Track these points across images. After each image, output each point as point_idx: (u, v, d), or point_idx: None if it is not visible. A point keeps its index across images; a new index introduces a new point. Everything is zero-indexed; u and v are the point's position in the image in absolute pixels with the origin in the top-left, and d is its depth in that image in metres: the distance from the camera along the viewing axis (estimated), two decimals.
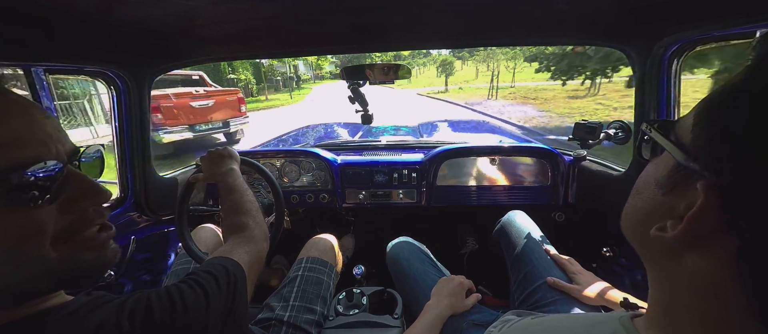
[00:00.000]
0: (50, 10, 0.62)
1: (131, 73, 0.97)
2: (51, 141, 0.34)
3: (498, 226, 1.11)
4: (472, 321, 0.78)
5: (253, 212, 0.68)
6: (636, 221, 0.30)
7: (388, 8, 0.74)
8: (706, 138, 0.24)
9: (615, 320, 0.32)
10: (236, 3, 0.66)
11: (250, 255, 0.57)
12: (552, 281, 0.82)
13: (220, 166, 0.79)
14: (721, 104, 0.23)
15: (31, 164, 0.32)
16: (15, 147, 0.31)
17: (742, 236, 0.20)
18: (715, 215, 0.22)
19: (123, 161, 1.08)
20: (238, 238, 0.61)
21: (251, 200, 0.72)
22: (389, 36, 0.94)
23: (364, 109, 1.19)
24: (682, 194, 0.25)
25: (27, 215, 0.32)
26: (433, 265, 0.97)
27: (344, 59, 16.34)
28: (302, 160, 1.41)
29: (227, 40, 0.89)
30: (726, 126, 0.22)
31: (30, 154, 0.32)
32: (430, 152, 1.37)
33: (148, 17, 0.72)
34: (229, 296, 0.46)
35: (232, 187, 0.73)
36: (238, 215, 0.66)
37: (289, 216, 1.57)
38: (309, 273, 0.94)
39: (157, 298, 0.38)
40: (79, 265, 0.36)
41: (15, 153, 0.31)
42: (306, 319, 0.81)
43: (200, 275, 0.45)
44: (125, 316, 0.35)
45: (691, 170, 0.24)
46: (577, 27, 0.88)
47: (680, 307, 0.26)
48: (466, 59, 34.81)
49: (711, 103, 0.24)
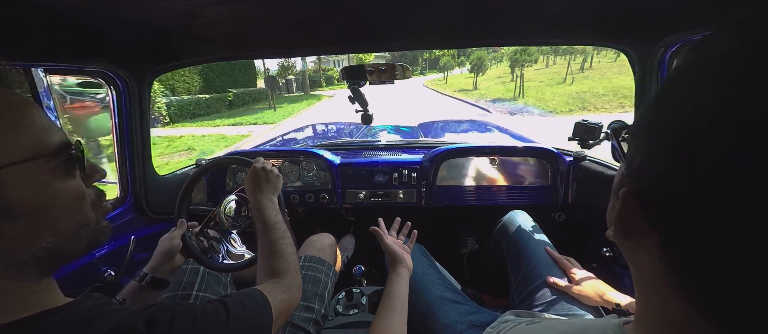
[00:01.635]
0: (50, 10, 0.62)
1: (131, 73, 0.97)
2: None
3: (499, 225, 1.11)
4: (470, 322, 0.78)
5: (292, 258, 0.66)
6: (609, 217, 0.32)
7: (388, 8, 0.74)
8: (632, 148, 0.26)
9: (607, 326, 0.32)
10: (236, 3, 0.66)
11: (284, 304, 0.57)
12: (552, 281, 0.82)
13: (263, 191, 0.77)
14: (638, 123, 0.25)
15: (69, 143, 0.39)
16: (56, 129, 0.38)
17: (661, 233, 0.22)
18: (634, 217, 0.24)
19: (123, 161, 1.08)
20: (277, 283, 0.60)
21: (290, 242, 0.69)
22: (389, 36, 0.94)
23: (364, 109, 1.19)
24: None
25: (76, 182, 0.39)
26: (430, 266, 0.97)
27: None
28: (302, 160, 1.41)
29: (227, 40, 0.89)
30: (641, 138, 0.24)
31: (64, 136, 0.39)
32: (430, 152, 1.37)
33: (148, 17, 0.72)
34: (249, 331, 0.47)
35: (272, 225, 0.70)
36: (278, 258, 0.65)
37: (289, 216, 1.58)
38: (306, 272, 0.94)
39: (182, 314, 0.41)
40: (100, 230, 0.42)
41: (59, 134, 0.38)
42: (303, 317, 0.81)
43: (232, 300, 0.48)
44: (143, 321, 0.38)
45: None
46: (577, 27, 0.88)
47: (646, 305, 0.27)
48: (499, 59, 34.04)
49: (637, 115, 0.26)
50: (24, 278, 0.35)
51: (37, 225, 0.35)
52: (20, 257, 0.34)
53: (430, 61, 46.09)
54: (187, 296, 0.85)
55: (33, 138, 0.35)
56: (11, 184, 0.32)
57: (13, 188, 0.33)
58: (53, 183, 0.36)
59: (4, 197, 0.32)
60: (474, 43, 1.02)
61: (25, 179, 0.34)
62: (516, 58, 14.05)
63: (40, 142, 0.36)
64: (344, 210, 1.56)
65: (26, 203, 0.34)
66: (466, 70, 25.33)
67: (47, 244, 0.35)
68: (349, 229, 1.68)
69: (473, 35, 0.93)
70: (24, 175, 0.34)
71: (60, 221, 0.37)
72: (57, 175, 0.37)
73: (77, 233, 0.38)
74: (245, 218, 0.98)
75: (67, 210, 0.37)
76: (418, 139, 1.90)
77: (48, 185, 0.36)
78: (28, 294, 0.35)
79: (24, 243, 0.34)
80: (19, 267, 0.34)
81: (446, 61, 26.50)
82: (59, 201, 0.36)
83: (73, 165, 0.39)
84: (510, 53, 14.32)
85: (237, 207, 0.98)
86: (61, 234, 0.37)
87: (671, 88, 0.23)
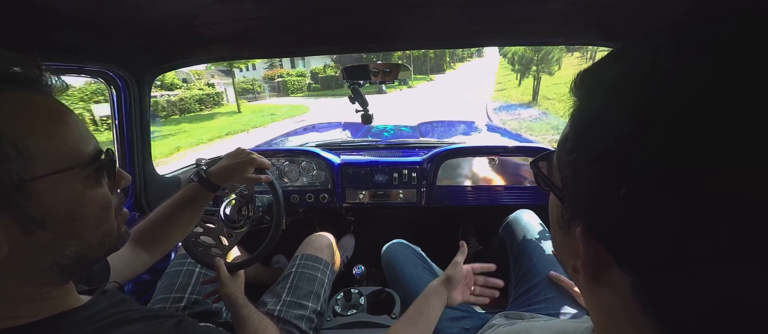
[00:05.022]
0: (50, 9, 0.62)
1: (131, 73, 0.97)
2: None
3: (504, 224, 1.11)
4: (462, 327, 0.78)
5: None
6: (558, 253, 0.29)
7: (388, 8, 0.74)
8: (569, 183, 0.24)
9: (578, 329, 0.32)
10: (236, 2, 0.66)
11: None
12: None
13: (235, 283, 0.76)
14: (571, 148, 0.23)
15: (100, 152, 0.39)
16: (90, 137, 0.38)
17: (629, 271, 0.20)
18: (601, 258, 0.21)
19: (123, 161, 1.08)
20: None
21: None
22: (389, 36, 0.94)
23: (364, 109, 1.19)
24: (574, 235, 0.23)
25: (104, 190, 0.39)
26: (426, 268, 0.97)
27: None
28: (302, 160, 1.41)
29: (227, 40, 0.89)
30: (579, 173, 0.22)
31: (96, 144, 0.39)
32: (430, 152, 1.37)
33: (148, 17, 0.72)
34: None
35: (239, 306, 0.69)
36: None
37: (289, 216, 1.58)
38: (302, 270, 0.94)
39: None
40: (121, 237, 0.42)
41: (93, 142, 0.38)
42: (296, 314, 0.81)
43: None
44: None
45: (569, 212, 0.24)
46: (576, 27, 0.87)
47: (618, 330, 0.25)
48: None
49: (562, 142, 0.24)
50: (48, 283, 0.36)
51: (66, 233, 0.35)
52: (47, 263, 0.35)
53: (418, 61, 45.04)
54: (180, 299, 0.85)
55: (71, 147, 0.35)
56: (47, 193, 0.32)
57: (49, 196, 0.33)
58: (85, 192, 0.36)
59: (40, 206, 0.32)
60: (473, 42, 1.02)
61: (60, 187, 0.34)
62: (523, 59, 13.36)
63: (77, 152, 0.36)
64: (344, 210, 1.56)
65: (59, 212, 0.34)
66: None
67: (72, 252, 0.36)
68: (349, 229, 1.68)
69: (472, 35, 0.93)
70: (60, 184, 0.34)
71: (87, 230, 0.37)
72: (89, 184, 0.37)
73: (101, 242, 0.39)
74: (246, 218, 0.98)
75: (94, 219, 0.37)
76: (418, 139, 1.90)
77: (80, 194, 0.36)
78: (51, 298, 0.36)
79: (52, 251, 0.34)
80: (45, 273, 0.35)
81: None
82: (89, 210, 0.37)
83: (103, 173, 0.39)
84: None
85: (237, 206, 0.98)
86: (86, 242, 0.37)
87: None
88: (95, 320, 0.38)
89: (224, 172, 0.74)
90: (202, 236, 0.94)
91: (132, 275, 0.67)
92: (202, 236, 0.94)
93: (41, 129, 0.33)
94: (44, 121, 0.34)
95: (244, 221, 0.97)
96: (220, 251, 0.89)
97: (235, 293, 0.71)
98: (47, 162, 0.32)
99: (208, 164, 0.84)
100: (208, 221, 0.94)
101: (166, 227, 0.70)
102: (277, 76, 25.34)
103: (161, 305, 0.84)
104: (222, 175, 0.74)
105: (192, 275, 0.90)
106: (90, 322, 0.37)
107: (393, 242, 1.06)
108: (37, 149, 0.32)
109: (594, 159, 0.21)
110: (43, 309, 0.35)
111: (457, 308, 0.83)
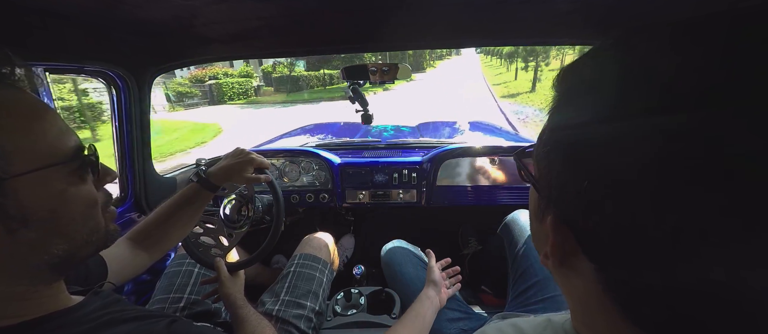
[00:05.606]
0: (50, 9, 0.62)
1: (131, 73, 0.97)
2: None
3: (503, 224, 1.11)
4: (460, 328, 0.79)
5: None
6: (534, 242, 0.31)
7: (388, 8, 0.74)
8: (543, 175, 0.25)
9: (566, 320, 0.32)
10: (236, 2, 0.66)
11: None
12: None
13: (235, 283, 0.76)
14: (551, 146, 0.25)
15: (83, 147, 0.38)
16: (70, 133, 0.37)
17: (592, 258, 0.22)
18: (568, 245, 0.23)
19: (123, 161, 1.08)
20: None
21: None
22: (389, 36, 0.94)
23: (364, 109, 1.19)
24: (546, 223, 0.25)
25: (89, 187, 0.38)
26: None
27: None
28: (302, 160, 1.41)
29: (227, 40, 0.89)
30: (552, 166, 0.24)
31: (77, 140, 0.37)
32: (430, 152, 1.37)
33: (148, 17, 0.72)
34: None
35: (238, 307, 0.70)
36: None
37: (289, 216, 1.58)
38: (300, 269, 0.94)
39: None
40: (109, 234, 0.41)
41: (73, 138, 0.37)
42: (294, 314, 0.81)
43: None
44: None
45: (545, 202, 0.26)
46: (577, 27, 0.87)
47: (591, 320, 0.26)
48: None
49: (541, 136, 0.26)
50: (37, 282, 0.35)
51: (50, 232, 0.34)
52: (34, 262, 0.34)
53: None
54: (179, 299, 0.85)
55: (49, 144, 0.34)
56: (27, 191, 0.32)
57: (29, 195, 0.32)
58: (67, 189, 0.35)
59: (20, 205, 0.31)
60: (474, 42, 1.02)
61: (40, 186, 0.33)
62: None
63: (56, 148, 0.34)
64: (344, 210, 1.56)
65: (41, 210, 0.33)
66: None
67: (59, 251, 0.35)
68: (349, 229, 1.68)
69: (473, 35, 0.92)
70: (39, 182, 0.33)
71: (72, 227, 0.36)
72: (71, 181, 0.36)
73: (88, 240, 0.38)
74: (246, 218, 0.98)
75: (80, 217, 0.36)
76: (418, 139, 1.90)
77: (63, 192, 0.35)
78: (40, 297, 0.36)
79: (38, 250, 0.34)
80: (32, 272, 0.34)
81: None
82: (73, 207, 0.36)
83: (87, 170, 0.38)
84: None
85: (237, 206, 0.98)
86: (73, 240, 0.36)
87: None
88: (87, 320, 0.37)
89: (224, 172, 0.74)
90: (202, 236, 0.93)
91: (131, 276, 0.67)
92: (202, 236, 0.93)
93: (16, 126, 0.32)
94: (19, 117, 0.32)
95: (244, 221, 0.97)
96: (220, 251, 0.89)
97: (234, 293, 0.71)
98: (25, 159, 0.31)
99: (208, 164, 0.84)
100: (207, 222, 0.94)
101: (166, 227, 0.70)
102: (208, 78, 17.84)
103: (160, 306, 0.84)
104: (221, 175, 0.74)
105: (191, 275, 0.90)
106: (81, 322, 0.36)
107: (392, 243, 1.06)
108: (13, 147, 0.31)
109: (564, 152, 0.23)
110: (32, 309, 0.34)
111: (456, 310, 0.84)
